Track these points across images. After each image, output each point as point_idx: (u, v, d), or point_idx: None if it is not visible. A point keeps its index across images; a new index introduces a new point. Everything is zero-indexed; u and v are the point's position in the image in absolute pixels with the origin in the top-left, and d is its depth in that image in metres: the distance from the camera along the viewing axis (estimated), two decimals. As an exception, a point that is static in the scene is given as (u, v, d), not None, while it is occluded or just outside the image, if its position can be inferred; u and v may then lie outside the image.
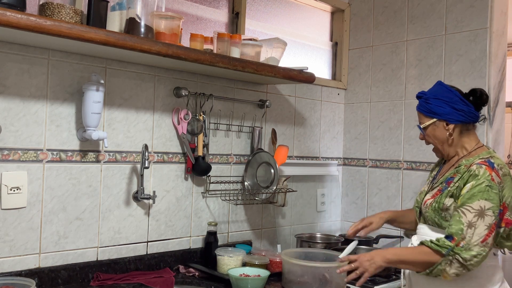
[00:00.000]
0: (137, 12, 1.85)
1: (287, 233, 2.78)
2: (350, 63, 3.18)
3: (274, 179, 2.46)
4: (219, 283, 2.04)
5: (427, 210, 1.88)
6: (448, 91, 1.89)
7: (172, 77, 2.24)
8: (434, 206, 1.85)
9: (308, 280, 2.00)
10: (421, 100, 1.94)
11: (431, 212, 1.86)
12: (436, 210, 1.84)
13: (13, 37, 1.66)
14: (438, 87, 1.93)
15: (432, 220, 1.87)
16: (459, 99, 1.86)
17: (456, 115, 1.86)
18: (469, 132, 1.91)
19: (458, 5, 2.66)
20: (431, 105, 1.89)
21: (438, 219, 1.84)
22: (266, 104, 2.59)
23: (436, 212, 1.84)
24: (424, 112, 1.92)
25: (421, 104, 1.94)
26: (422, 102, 1.93)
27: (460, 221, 1.70)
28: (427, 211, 1.88)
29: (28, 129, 1.81)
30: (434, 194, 1.89)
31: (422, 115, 1.94)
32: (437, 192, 1.88)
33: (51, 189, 1.88)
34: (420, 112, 1.95)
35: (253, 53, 2.27)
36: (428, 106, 1.90)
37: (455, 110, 1.85)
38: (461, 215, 1.71)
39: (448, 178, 1.87)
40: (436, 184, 1.93)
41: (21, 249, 1.80)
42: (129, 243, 2.11)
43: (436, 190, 1.90)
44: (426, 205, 1.89)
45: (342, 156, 3.18)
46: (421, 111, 1.94)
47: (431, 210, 1.86)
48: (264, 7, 2.82)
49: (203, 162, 2.29)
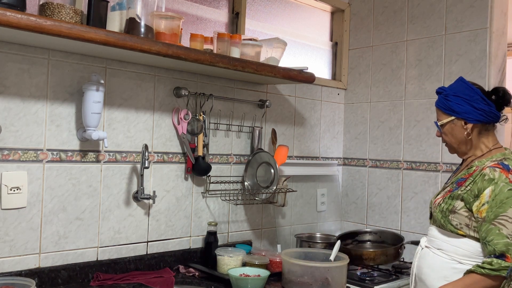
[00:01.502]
0: (137, 12, 1.85)
1: (287, 233, 2.78)
2: (350, 63, 3.18)
3: (274, 179, 2.46)
4: (219, 283, 2.04)
5: (435, 210, 1.84)
6: (469, 88, 1.80)
7: (172, 77, 2.24)
8: (442, 207, 1.80)
9: (308, 280, 2.00)
10: (441, 96, 1.86)
11: (438, 213, 1.82)
12: (443, 211, 1.79)
13: (13, 37, 1.66)
14: (459, 84, 1.85)
15: (439, 221, 1.82)
16: (480, 98, 1.77)
17: (475, 114, 1.77)
18: (488, 133, 1.83)
19: (458, 5, 2.66)
20: (450, 102, 1.81)
21: (444, 220, 1.79)
22: (266, 104, 2.59)
23: (443, 213, 1.79)
24: (443, 108, 1.84)
25: (440, 100, 1.86)
26: (442, 98, 1.85)
27: (501, 234, 1.61)
28: (435, 212, 1.84)
29: (28, 129, 1.81)
30: (444, 194, 1.84)
31: (440, 112, 1.86)
32: (447, 192, 1.83)
33: (51, 189, 1.88)
34: (438, 109, 1.87)
35: (253, 53, 2.27)
36: (447, 103, 1.82)
37: (474, 109, 1.77)
38: (500, 227, 1.62)
39: (459, 179, 1.82)
40: (448, 184, 1.89)
41: (21, 249, 1.80)
42: (129, 243, 2.11)
43: (446, 191, 1.85)
44: (435, 205, 1.85)
45: (342, 156, 3.18)
46: (440, 108, 1.86)
47: (438, 211, 1.82)
48: (264, 7, 2.82)
49: (203, 162, 2.29)
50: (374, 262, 2.41)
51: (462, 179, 1.80)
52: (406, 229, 2.79)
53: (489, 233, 1.64)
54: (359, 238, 2.76)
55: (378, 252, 2.43)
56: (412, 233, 2.75)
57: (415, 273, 1.91)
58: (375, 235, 2.75)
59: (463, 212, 1.75)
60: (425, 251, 1.89)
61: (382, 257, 2.42)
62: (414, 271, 1.92)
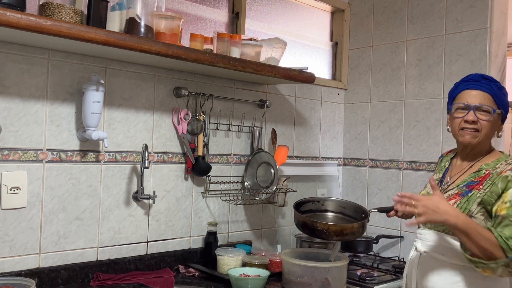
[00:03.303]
0: (137, 12, 1.85)
1: (287, 233, 2.78)
2: (350, 63, 3.18)
3: (274, 179, 2.46)
4: (219, 283, 2.04)
5: None
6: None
7: (172, 77, 2.24)
8: None
9: (308, 280, 2.00)
10: (494, 84, 1.78)
11: None
12: None
13: (13, 37, 1.66)
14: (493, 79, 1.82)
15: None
16: None
17: (506, 117, 1.80)
18: None
19: (458, 5, 2.66)
20: (505, 97, 1.78)
21: None
22: (266, 104, 2.59)
23: None
24: (496, 98, 1.76)
25: (493, 88, 1.77)
26: (495, 87, 1.77)
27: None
28: None
29: (28, 129, 1.81)
30: (451, 197, 1.78)
31: (491, 100, 1.76)
32: (455, 196, 1.77)
33: (51, 189, 1.88)
34: (491, 96, 1.76)
35: (253, 53, 2.27)
36: (502, 96, 1.78)
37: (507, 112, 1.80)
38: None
39: (468, 182, 1.78)
40: (451, 187, 1.82)
41: (21, 249, 1.80)
42: (129, 243, 2.11)
43: (453, 194, 1.79)
44: None
45: (342, 156, 3.18)
46: (493, 96, 1.76)
47: None
48: (264, 7, 2.82)
49: (203, 162, 2.29)
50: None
51: (473, 182, 1.76)
52: (407, 229, 2.78)
53: (505, 226, 1.62)
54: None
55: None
56: (413, 233, 2.74)
57: (417, 281, 1.85)
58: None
59: (479, 216, 1.71)
60: (427, 257, 1.83)
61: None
62: (416, 279, 1.85)
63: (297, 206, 2.16)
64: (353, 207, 2.21)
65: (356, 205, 2.21)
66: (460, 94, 1.82)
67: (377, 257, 2.73)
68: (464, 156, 1.88)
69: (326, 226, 1.98)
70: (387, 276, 2.37)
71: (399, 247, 2.82)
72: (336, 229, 1.98)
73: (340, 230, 1.98)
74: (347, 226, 2.00)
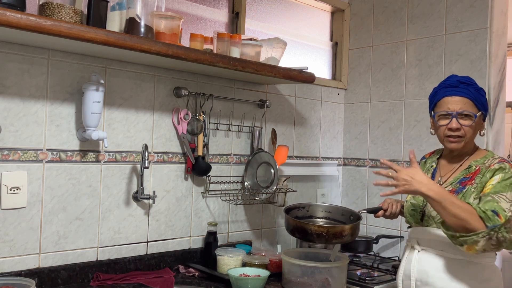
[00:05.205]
0: (137, 12, 1.85)
1: (287, 233, 2.77)
2: (350, 63, 3.18)
3: (274, 179, 2.46)
4: (219, 283, 2.04)
5: None
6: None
7: (172, 77, 2.24)
8: None
9: (308, 280, 2.00)
10: (471, 88, 1.81)
11: None
12: None
13: (13, 37, 1.66)
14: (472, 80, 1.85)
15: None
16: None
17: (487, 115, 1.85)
18: None
19: (458, 5, 2.66)
20: (482, 97, 1.82)
21: None
22: (266, 104, 2.59)
23: None
24: (475, 101, 1.80)
25: (471, 92, 1.80)
26: (473, 90, 1.80)
27: (499, 205, 1.63)
28: None
29: (28, 129, 1.81)
30: None
31: (471, 104, 1.80)
32: (450, 193, 1.77)
33: (51, 189, 1.88)
34: (470, 100, 1.79)
35: (253, 53, 2.27)
36: (480, 98, 1.81)
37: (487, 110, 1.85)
38: (498, 200, 1.65)
39: (461, 179, 1.82)
40: (445, 185, 1.85)
41: (21, 249, 1.80)
42: (129, 243, 2.11)
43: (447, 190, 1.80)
44: None
45: (342, 156, 3.18)
46: (472, 100, 1.79)
47: None
48: (264, 7, 2.82)
49: (203, 162, 2.29)
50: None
51: (466, 179, 1.81)
52: (407, 230, 2.77)
53: (485, 201, 1.67)
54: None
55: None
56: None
57: (416, 277, 1.85)
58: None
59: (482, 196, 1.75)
60: (424, 254, 1.85)
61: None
62: (415, 276, 1.85)
63: (287, 212, 2.22)
64: (340, 210, 2.29)
65: (342, 208, 2.31)
66: (441, 101, 1.86)
67: (377, 257, 2.73)
68: (451, 158, 1.94)
69: (325, 229, 2.03)
70: (387, 276, 2.37)
71: (399, 247, 2.82)
72: (335, 231, 2.03)
73: (340, 231, 2.03)
74: (346, 228, 2.05)
